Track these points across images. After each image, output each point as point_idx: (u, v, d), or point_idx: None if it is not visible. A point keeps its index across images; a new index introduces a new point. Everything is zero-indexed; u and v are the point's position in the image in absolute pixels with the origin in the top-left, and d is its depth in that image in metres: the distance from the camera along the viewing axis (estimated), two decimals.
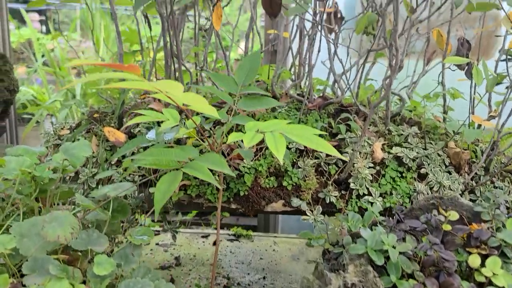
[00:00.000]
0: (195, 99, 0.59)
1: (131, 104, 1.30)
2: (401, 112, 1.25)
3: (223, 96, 0.84)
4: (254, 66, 0.87)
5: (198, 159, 0.73)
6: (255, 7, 1.22)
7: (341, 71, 1.26)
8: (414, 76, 1.53)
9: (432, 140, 1.22)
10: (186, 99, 0.58)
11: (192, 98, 0.59)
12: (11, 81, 1.39)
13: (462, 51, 1.14)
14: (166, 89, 0.54)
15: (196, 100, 0.59)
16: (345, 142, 1.15)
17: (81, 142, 0.87)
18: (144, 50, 1.57)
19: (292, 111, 1.23)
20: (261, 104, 0.84)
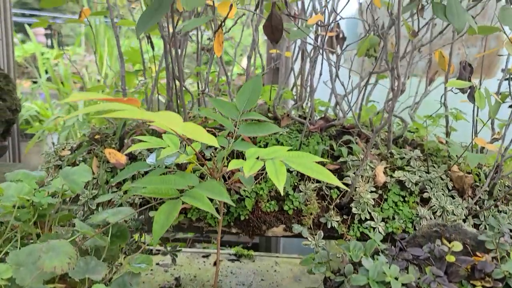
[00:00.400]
0: (194, 130, 0.59)
1: (132, 125, 1.30)
2: (403, 135, 1.25)
3: (224, 121, 0.83)
4: (256, 92, 0.87)
5: (198, 187, 0.73)
6: (257, 29, 1.23)
7: (343, 92, 1.26)
8: (416, 96, 1.53)
9: (435, 163, 1.21)
10: (185, 130, 0.58)
11: (191, 129, 0.58)
12: (14, 100, 1.40)
13: (464, 75, 1.14)
14: (165, 121, 0.54)
15: (196, 131, 0.58)
16: (347, 165, 1.14)
17: (81, 167, 0.86)
18: (146, 70, 1.58)
19: (294, 133, 1.23)
20: (262, 130, 0.84)
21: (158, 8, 0.85)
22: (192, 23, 0.79)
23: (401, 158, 1.16)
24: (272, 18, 0.88)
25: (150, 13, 0.85)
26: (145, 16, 0.85)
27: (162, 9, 0.84)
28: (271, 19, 0.88)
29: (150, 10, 0.85)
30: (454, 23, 0.89)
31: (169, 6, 0.85)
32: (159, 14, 0.84)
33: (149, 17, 0.85)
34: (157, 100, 1.60)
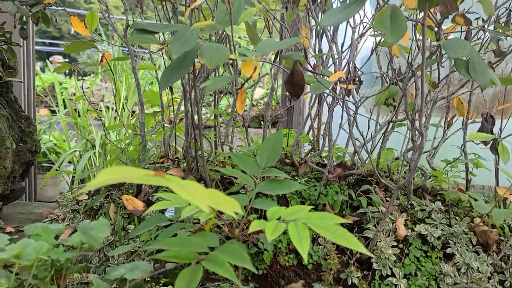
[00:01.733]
0: (218, 200, 0.58)
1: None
2: (424, 183, 1.23)
3: (245, 178, 0.82)
4: (276, 148, 0.87)
5: (219, 250, 0.71)
6: (276, 78, 1.24)
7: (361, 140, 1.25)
8: (434, 142, 1.52)
9: (457, 214, 1.18)
10: (210, 202, 0.57)
11: (215, 200, 0.58)
12: (34, 142, 1.41)
13: (486, 127, 1.12)
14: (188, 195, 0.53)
15: (220, 201, 0.57)
16: (367, 217, 1.12)
17: (99, 222, 0.86)
18: (164, 111, 1.59)
19: (312, 181, 1.21)
20: (283, 187, 0.83)
21: (180, 65, 0.86)
22: (216, 83, 0.80)
23: (421, 210, 1.13)
24: (294, 74, 0.89)
25: (173, 70, 0.86)
26: (168, 73, 0.86)
27: (185, 67, 0.85)
28: (292, 75, 0.89)
29: (172, 67, 0.86)
30: (478, 80, 0.88)
31: (191, 63, 0.86)
32: (181, 71, 0.85)
33: (172, 74, 0.86)
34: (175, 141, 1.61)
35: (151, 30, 0.85)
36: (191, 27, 0.84)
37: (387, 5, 0.71)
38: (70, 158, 2.71)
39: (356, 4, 0.69)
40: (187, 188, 0.56)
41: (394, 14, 0.70)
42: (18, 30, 1.25)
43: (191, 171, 1.25)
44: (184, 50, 0.80)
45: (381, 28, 0.67)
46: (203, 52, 0.82)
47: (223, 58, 0.82)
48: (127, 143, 1.35)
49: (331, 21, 0.67)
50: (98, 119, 3.30)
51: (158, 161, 1.43)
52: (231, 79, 0.80)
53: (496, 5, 1.13)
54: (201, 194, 0.56)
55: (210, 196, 0.59)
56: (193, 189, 0.56)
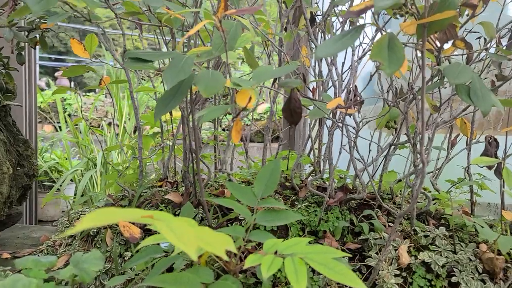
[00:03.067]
0: (210, 240, 0.56)
1: (148, 196, 1.28)
2: (427, 208, 1.20)
3: (241, 210, 0.80)
4: (274, 177, 0.85)
5: (213, 286, 0.69)
6: (275, 101, 1.22)
7: (363, 159, 1.23)
8: (437, 162, 1.49)
9: (462, 240, 1.14)
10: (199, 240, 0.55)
11: (207, 240, 0.56)
12: (31, 165, 1.40)
13: (490, 150, 1.10)
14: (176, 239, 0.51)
15: (212, 243, 0.55)
16: (369, 244, 1.09)
17: (93, 254, 0.84)
18: (164, 133, 1.58)
19: (312, 206, 1.19)
20: (280, 219, 0.80)
21: (175, 93, 0.84)
22: (211, 113, 0.78)
23: (425, 236, 1.10)
24: (291, 102, 0.87)
25: (168, 99, 0.85)
26: (163, 102, 0.84)
27: (180, 95, 0.84)
28: (290, 102, 0.87)
29: (167, 95, 0.85)
30: (480, 106, 0.86)
31: (186, 92, 0.85)
32: (176, 100, 0.84)
33: (167, 103, 0.84)
34: (173, 164, 1.60)
35: (145, 59, 0.84)
36: (186, 55, 0.83)
37: (384, 34, 0.69)
38: (71, 176, 2.70)
39: (351, 34, 0.67)
40: (175, 229, 0.54)
41: (391, 43, 0.68)
42: (15, 55, 1.25)
43: (189, 196, 1.23)
44: (179, 79, 0.79)
45: (378, 58, 0.66)
46: (198, 81, 0.81)
47: (219, 86, 0.80)
48: (125, 166, 1.33)
49: (326, 52, 0.65)
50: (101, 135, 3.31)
51: (157, 184, 1.41)
52: (228, 109, 0.78)
53: (497, 27, 1.12)
54: (189, 236, 0.54)
55: (200, 234, 0.57)
56: (181, 230, 0.54)
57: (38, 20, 1.24)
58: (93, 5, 0.79)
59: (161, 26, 1.05)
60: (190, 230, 0.54)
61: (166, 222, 0.55)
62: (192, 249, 0.49)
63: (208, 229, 0.58)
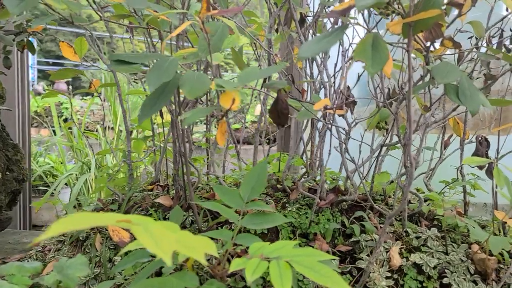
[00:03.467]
0: (189, 243, 0.55)
1: (138, 199, 1.27)
2: (419, 209, 1.19)
3: (227, 213, 0.79)
4: (261, 180, 0.84)
5: None
6: (265, 103, 1.21)
7: (355, 161, 1.22)
8: (431, 163, 1.48)
9: (454, 241, 1.13)
10: (178, 245, 0.54)
11: (186, 242, 0.55)
12: (21, 170, 1.39)
13: (481, 150, 1.09)
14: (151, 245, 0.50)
15: (191, 248, 0.54)
16: (360, 246, 1.08)
17: (77, 259, 0.82)
18: (155, 136, 1.57)
19: (303, 208, 1.18)
20: (267, 222, 0.79)
21: (160, 95, 0.83)
22: (195, 115, 0.77)
23: (417, 238, 1.09)
24: (278, 103, 0.86)
25: (152, 101, 0.83)
26: (147, 104, 0.83)
27: (165, 98, 0.83)
28: (276, 104, 0.86)
29: (152, 97, 0.84)
30: (468, 105, 0.85)
31: (171, 94, 0.84)
32: (161, 102, 0.83)
33: (152, 105, 0.83)
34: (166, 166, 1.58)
35: (129, 61, 0.83)
36: (171, 57, 0.82)
37: (369, 34, 0.69)
38: (66, 181, 2.69)
39: (335, 33, 0.66)
40: (154, 234, 0.53)
41: (376, 42, 0.67)
42: (2, 59, 1.23)
43: (179, 199, 1.22)
44: (162, 81, 0.78)
45: (362, 58, 0.65)
46: (183, 83, 0.80)
47: (204, 88, 0.79)
48: (115, 170, 1.32)
49: (309, 52, 0.64)
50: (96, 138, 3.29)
51: (148, 188, 1.40)
52: (212, 110, 0.77)
53: (487, 26, 1.11)
54: (167, 241, 0.53)
55: (180, 239, 0.55)
56: (160, 235, 0.53)
57: (26, 24, 1.23)
58: (74, 8, 0.78)
59: (148, 28, 1.04)
60: (169, 235, 0.53)
61: (145, 226, 0.54)
62: (167, 254, 0.48)
63: (189, 233, 0.57)
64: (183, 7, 1.01)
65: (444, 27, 0.79)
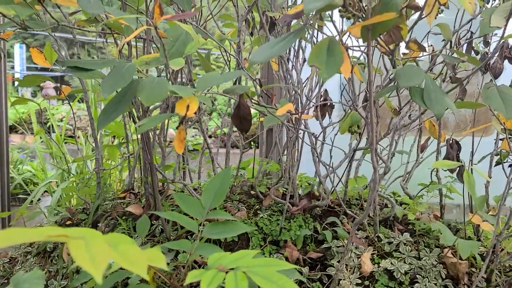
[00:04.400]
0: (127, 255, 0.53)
1: (109, 208, 1.24)
2: (390, 216, 1.18)
3: (187, 223, 0.77)
4: (223, 188, 0.82)
5: None
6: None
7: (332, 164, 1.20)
8: (407, 166, 1.47)
9: (427, 245, 1.12)
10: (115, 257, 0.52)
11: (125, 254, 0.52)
12: None
13: (451, 154, 1.08)
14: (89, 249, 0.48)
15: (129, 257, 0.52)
16: (332, 252, 1.06)
17: (33, 273, 0.79)
18: (129, 143, 1.54)
19: (275, 214, 1.16)
20: (228, 231, 0.77)
21: (120, 101, 0.81)
22: (150, 122, 0.75)
23: (389, 243, 1.08)
24: (240, 109, 0.84)
25: (113, 107, 0.81)
26: (107, 111, 0.81)
27: (124, 104, 0.81)
28: (239, 109, 0.84)
29: (112, 103, 0.81)
30: (433, 109, 0.84)
31: (130, 101, 0.82)
32: (120, 109, 0.80)
33: (110, 112, 0.81)
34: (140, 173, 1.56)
35: (86, 68, 0.80)
36: (128, 63, 0.80)
37: (325, 38, 0.67)
38: (45, 188, 2.64)
39: (289, 38, 0.65)
40: (92, 249, 0.51)
41: (331, 47, 0.66)
42: None
43: (149, 208, 1.19)
44: (118, 88, 0.76)
45: (315, 63, 0.63)
46: (141, 89, 0.78)
47: (162, 95, 0.77)
48: (86, 178, 1.29)
49: (262, 57, 0.63)
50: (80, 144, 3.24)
51: (121, 195, 1.38)
52: (168, 117, 0.75)
53: (456, 28, 1.11)
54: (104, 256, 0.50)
55: (124, 252, 0.53)
56: (99, 249, 0.50)
57: None
58: (22, 14, 0.76)
59: (112, 33, 1.02)
60: (108, 250, 0.51)
61: (86, 240, 0.52)
62: (98, 271, 0.46)
63: (135, 247, 0.55)
64: (147, 12, 0.99)
65: (405, 30, 0.78)
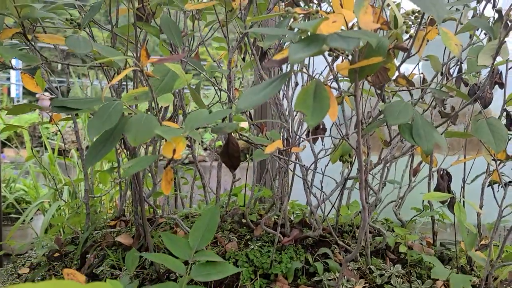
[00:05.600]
0: None
1: (98, 237, 1.23)
2: (382, 247, 1.17)
3: (173, 266, 0.76)
4: (211, 227, 0.81)
5: None
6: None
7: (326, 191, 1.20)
8: (400, 191, 1.47)
9: (420, 276, 1.12)
10: None
11: None
12: None
13: (442, 184, 1.08)
14: None
15: None
16: (323, 285, 1.05)
17: None
18: (121, 167, 1.53)
19: (267, 245, 1.15)
20: (216, 273, 0.76)
21: (107, 141, 0.80)
22: (137, 164, 0.74)
23: (380, 275, 1.07)
24: (228, 146, 0.84)
25: (100, 145, 0.81)
26: (94, 150, 0.80)
27: (112, 142, 0.80)
28: (227, 147, 0.84)
29: (99, 141, 0.81)
30: (422, 145, 0.84)
31: (118, 139, 0.81)
32: (107, 148, 0.80)
33: (99, 149, 0.80)
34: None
35: (72, 107, 0.80)
36: (116, 101, 0.80)
37: (311, 81, 0.67)
38: (37, 208, 2.62)
39: (275, 84, 0.65)
40: None
41: (317, 91, 0.66)
42: None
43: (139, 238, 1.18)
44: (104, 129, 0.75)
45: (302, 108, 0.63)
46: (128, 128, 0.77)
47: (149, 134, 0.77)
48: (76, 206, 1.28)
49: (247, 104, 0.62)
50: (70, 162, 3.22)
51: (111, 223, 1.36)
52: (154, 159, 0.75)
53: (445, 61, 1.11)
54: None
55: None
56: None
57: None
58: (7, 57, 0.75)
59: (102, 67, 1.02)
60: None
61: None
62: None
63: None
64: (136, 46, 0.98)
65: (392, 70, 0.78)
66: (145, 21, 1.05)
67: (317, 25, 0.61)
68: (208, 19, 1.46)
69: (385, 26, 0.73)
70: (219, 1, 1.04)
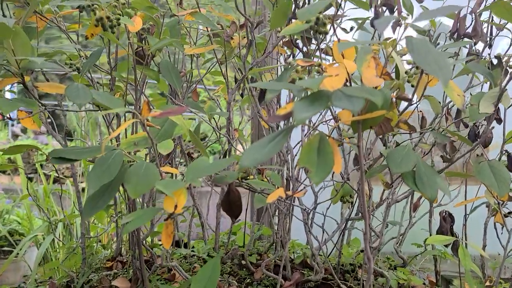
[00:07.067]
0: None
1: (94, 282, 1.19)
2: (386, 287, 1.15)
3: None
4: (213, 277, 0.79)
5: None
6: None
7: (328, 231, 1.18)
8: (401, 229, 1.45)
9: None
10: None
11: None
12: None
13: (445, 227, 1.07)
14: None
15: None
16: None
17: None
18: (118, 204, 1.51)
19: None
20: None
21: (105, 191, 0.79)
22: (138, 219, 0.73)
23: None
24: (229, 195, 0.83)
25: (96, 199, 0.79)
26: (92, 201, 0.79)
27: (110, 193, 0.79)
28: (228, 195, 0.82)
29: (97, 194, 0.79)
30: (426, 192, 0.83)
31: (117, 190, 0.80)
32: (106, 198, 0.78)
33: (96, 202, 0.79)
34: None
35: (71, 158, 0.79)
36: (115, 151, 0.78)
37: (315, 134, 0.66)
38: (30, 242, 2.57)
39: (279, 138, 0.64)
40: None
41: (321, 145, 0.65)
42: None
43: (137, 282, 1.15)
44: (104, 182, 0.74)
45: (307, 164, 0.62)
46: (128, 179, 0.76)
47: (149, 185, 0.75)
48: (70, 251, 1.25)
49: (253, 160, 0.61)
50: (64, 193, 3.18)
51: (107, 265, 1.33)
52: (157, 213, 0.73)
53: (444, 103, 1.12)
54: None
55: None
56: None
57: None
58: (5, 110, 0.74)
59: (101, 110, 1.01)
60: None
61: None
62: None
63: None
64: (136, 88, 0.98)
65: (395, 120, 0.77)
66: (144, 65, 1.05)
67: (320, 82, 0.61)
68: (206, 56, 1.47)
69: (387, 77, 0.73)
70: (219, 45, 1.05)
